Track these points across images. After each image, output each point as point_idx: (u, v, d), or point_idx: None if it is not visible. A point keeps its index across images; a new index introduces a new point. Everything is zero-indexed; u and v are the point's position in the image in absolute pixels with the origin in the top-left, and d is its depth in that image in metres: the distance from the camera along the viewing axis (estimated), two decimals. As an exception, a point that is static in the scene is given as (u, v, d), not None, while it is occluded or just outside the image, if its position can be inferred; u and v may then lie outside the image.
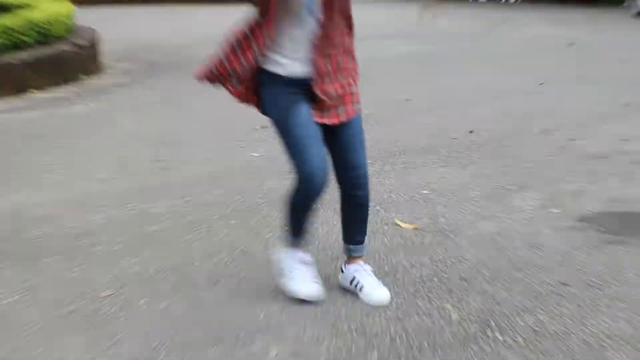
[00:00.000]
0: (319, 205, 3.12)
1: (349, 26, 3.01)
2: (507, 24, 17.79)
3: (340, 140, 3.07)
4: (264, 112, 3.10)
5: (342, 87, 3.00)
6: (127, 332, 2.92)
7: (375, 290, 3.19)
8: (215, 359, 2.72)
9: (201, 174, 5.15)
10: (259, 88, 3.05)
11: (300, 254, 3.27)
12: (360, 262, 3.30)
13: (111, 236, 3.95)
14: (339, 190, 3.18)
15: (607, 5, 23.46)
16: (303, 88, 2.95)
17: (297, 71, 2.95)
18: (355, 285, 3.23)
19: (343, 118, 3.01)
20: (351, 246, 3.31)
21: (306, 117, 2.95)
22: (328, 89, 2.96)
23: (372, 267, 3.35)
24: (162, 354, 2.75)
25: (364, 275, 3.25)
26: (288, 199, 3.11)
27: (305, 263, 3.26)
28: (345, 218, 3.30)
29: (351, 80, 3.05)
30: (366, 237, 3.33)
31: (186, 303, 3.16)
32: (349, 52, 3.04)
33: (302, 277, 3.20)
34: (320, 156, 2.96)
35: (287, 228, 3.23)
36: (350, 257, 3.31)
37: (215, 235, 3.96)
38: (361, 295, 3.19)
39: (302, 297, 3.14)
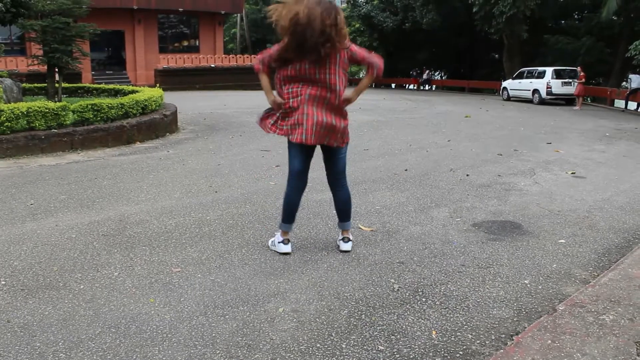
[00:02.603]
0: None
1: None
2: (427, 103, 17.92)
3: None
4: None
5: None
6: (189, 295, 2.86)
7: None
8: (244, 312, 2.66)
9: (237, 195, 5.08)
10: None
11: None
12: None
13: (180, 234, 3.88)
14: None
15: (488, 94, 23.92)
16: None
17: None
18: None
19: None
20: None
21: None
22: None
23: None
24: (211, 309, 2.70)
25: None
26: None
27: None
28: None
29: None
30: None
31: (227, 277, 3.10)
32: None
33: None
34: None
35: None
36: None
37: (246, 234, 3.89)
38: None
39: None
